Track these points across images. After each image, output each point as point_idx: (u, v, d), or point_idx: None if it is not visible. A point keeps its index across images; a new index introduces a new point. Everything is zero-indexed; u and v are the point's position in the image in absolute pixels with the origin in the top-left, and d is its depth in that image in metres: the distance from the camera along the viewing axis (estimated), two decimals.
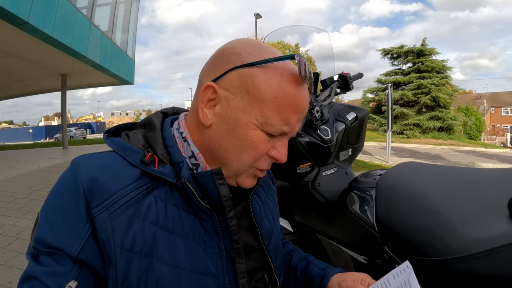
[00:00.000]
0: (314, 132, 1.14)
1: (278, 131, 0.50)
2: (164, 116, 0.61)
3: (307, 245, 1.19)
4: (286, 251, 0.81)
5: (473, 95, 41.55)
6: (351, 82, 1.30)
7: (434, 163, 8.60)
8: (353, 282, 0.60)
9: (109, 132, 0.59)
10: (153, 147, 0.52)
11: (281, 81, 0.48)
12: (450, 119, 18.58)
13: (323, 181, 1.18)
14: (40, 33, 7.37)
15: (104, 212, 0.44)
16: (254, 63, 0.48)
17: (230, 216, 0.53)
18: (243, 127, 0.49)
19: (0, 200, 4.64)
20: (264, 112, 0.48)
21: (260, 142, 0.50)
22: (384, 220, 0.83)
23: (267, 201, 0.70)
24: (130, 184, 0.47)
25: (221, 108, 0.50)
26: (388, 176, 0.90)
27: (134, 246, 0.45)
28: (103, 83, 15.70)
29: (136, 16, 14.58)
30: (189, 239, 0.50)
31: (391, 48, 20.93)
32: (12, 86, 14.35)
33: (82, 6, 9.65)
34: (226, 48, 0.53)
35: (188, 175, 0.50)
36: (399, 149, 13.83)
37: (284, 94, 0.48)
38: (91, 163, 0.48)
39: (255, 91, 0.48)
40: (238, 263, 0.54)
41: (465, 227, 0.65)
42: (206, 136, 0.52)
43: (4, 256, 2.72)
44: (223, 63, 0.50)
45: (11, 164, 8.82)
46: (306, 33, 1.74)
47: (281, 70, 0.49)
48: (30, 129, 42.76)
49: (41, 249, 0.44)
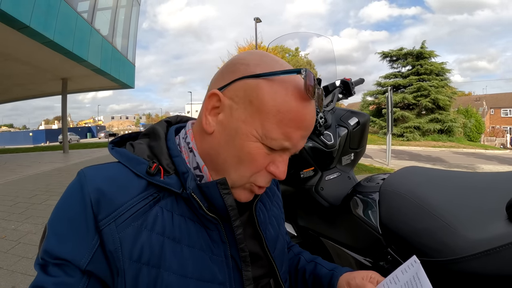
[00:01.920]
0: (318, 137, 1.15)
1: (278, 146, 0.49)
2: (168, 125, 0.61)
3: (311, 249, 1.20)
4: (293, 254, 0.81)
5: (473, 97, 41.68)
6: (353, 88, 1.31)
7: (434, 165, 8.56)
8: (362, 280, 0.60)
9: (113, 142, 0.58)
10: (158, 157, 0.52)
11: (285, 95, 0.47)
12: (450, 121, 18.61)
13: (326, 185, 1.19)
14: (41, 37, 7.41)
15: (111, 224, 0.44)
16: (261, 74, 0.47)
17: (236, 225, 0.53)
18: (243, 138, 0.48)
19: (1, 204, 4.65)
20: (264, 124, 0.47)
21: (259, 155, 0.49)
22: (388, 223, 0.85)
23: (272, 208, 0.70)
24: (136, 195, 0.48)
25: (224, 117, 0.50)
26: (391, 181, 0.92)
27: (142, 257, 0.45)
28: (103, 87, 15.76)
29: (137, 21, 14.65)
30: (196, 248, 0.50)
31: (390, 51, 20.99)
32: (13, 90, 14.39)
33: (83, 10, 9.71)
34: (237, 58, 0.53)
35: (193, 185, 0.50)
36: (399, 152, 13.84)
37: (287, 109, 0.47)
38: (97, 174, 0.48)
39: (258, 102, 0.47)
40: (245, 270, 0.54)
41: (466, 229, 0.68)
42: (207, 143, 0.52)
43: (6, 261, 2.72)
44: (232, 73, 0.50)
45: (11, 168, 8.83)
46: (307, 38, 1.74)
47: (288, 84, 0.48)
48: (30, 133, 42.75)
49: (50, 261, 0.44)
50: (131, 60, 14.23)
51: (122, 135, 0.61)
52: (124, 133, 0.60)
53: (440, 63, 19.59)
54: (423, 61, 19.57)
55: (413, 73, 19.80)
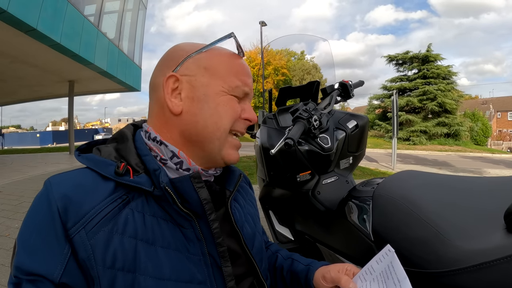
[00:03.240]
0: (314, 140, 1.13)
1: (242, 92, 0.58)
2: (135, 128, 0.61)
3: (307, 255, 1.18)
4: (271, 252, 0.81)
5: (479, 100, 41.21)
6: (351, 90, 1.29)
7: (440, 169, 8.45)
8: (338, 272, 0.61)
9: (80, 149, 0.57)
10: (126, 157, 0.52)
11: (228, 57, 0.58)
12: (456, 125, 18.44)
13: (323, 189, 1.17)
14: (48, 40, 7.49)
15: (81, 231, 0.43)
16: (203, 48, 0.57)
17: (212, 219, 0.53)
18: (215, 97, 0.55)
19: (6, 203, 4.70)
20: (225, 79, 0.56)
21: (233, 103, 0.57)
22: (380, 230, 0.82)
23: (246, 206, 0.70)
24: (104, 199, 0.47)
25: (187, 92, 0.55)
26: (385, 185, 0.89)
27: (115, 262, 0.44)
28: (110, 90, 15.86)
29: (143, 24, 14.77)
30: (171, 249, 0.49)
31: (396, 54, 20.90)
32: (21, 91, 14.56)
33: (90, 14, 9.81)
34: (173, 48, 0.60)
35: (166, 180, 0.50)
36: (405, 156, 13.72)
37: (234, 63, 0.58)
38: (63, 182, 0.47)
39: (212, 67, 0.56)
40: (224, 266, 0.54)
41: (460, 239, 0.64)
42: (179, 125, 0.55)
43: (9, 258, 2.70)
44: (176, 58, 0.57)
45: (18, 168, 8.92)
46: (310, 41, 1.75)
47: (224, 50, 0.60)
48: (38, 134, 43.21)
49: (22, 277, 0.42)
50: (137, 63, 14.33)
51: (88, 142, 0.60)
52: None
53: (446, 66, 19.45)
54: (429, 64, 19.44)
55: (419, 76, 19.66)
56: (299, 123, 1.01)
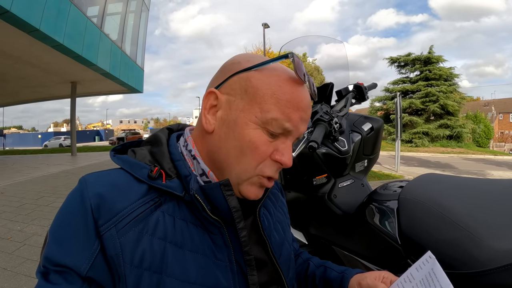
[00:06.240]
0: (332, 143, 1.12)
1: (280, 127, 0.49)
2: (170, 132, 0.62)
3: (322, 257, 1.17)
4: (302, 260, 0.80)
5: (481, 102, 41.32)
6: (366, 93, 1.28)
7: (444, 172, 8.45)
8: (374, 280, 0.59)
9: (115, 150, 0.59)
10: (160, 162, 0.53)
11: (278, 80, 0.49)
12: (459, 127, 18.40)
13: (340, 192, 1.15)
14: (51, 41, 7.52)
15: (112, 229, 0.44)
16: (252, 66, 0.50)
17: (240, 227, 0.53)
18: (242, 127, 0.49)
19: (8, 205, 4.68)
20: (263, 107, 0.48)
21: (261, 142, 0.49)
22: (408, 233, 0.81)
23: (276, 213, 0.69)
24: (137, 200, 0.48)
25: (222, 112, 0.51)
26: (410, 189, 0.89)
27: (143, 262, 0.45)
28: (112, 91, 15.94)
29: (146, 26, 14.84)
30: (199, 253, 0.50)
31: (398, 56, 20.88)
32: (23, 92, 14.64)
33: (93, 15, 9.85)
34: (229, 61, 0.56)
35: (196, 187, 0.50)
36: (408, 158, 13.69)
37: (282, 91, 0.48)
38: (98, 181, 0.48)
39: (253, 90, 0.49)
40: (250, 274, 0.53)
41: (492, 239, 0.65)
42: (209, 143, 0.53)
43: (11, 262, 2.72)
44: (225, 73, 0.52)
45: (19, 169, 8.94)
46: (317, 43, 1.71)
47: (279, 71, 0.50)
48: (39, 135, 43.38)
49: (50, 268, 0.44)
50: (140, 65, 14.40)
51: (124, 143, 0.61)
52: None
53: (448, 68, 19.42)
54: (431, 66, 19.42)
55: (421, 78, 19.65)
56: (320, 126, 0.99)
